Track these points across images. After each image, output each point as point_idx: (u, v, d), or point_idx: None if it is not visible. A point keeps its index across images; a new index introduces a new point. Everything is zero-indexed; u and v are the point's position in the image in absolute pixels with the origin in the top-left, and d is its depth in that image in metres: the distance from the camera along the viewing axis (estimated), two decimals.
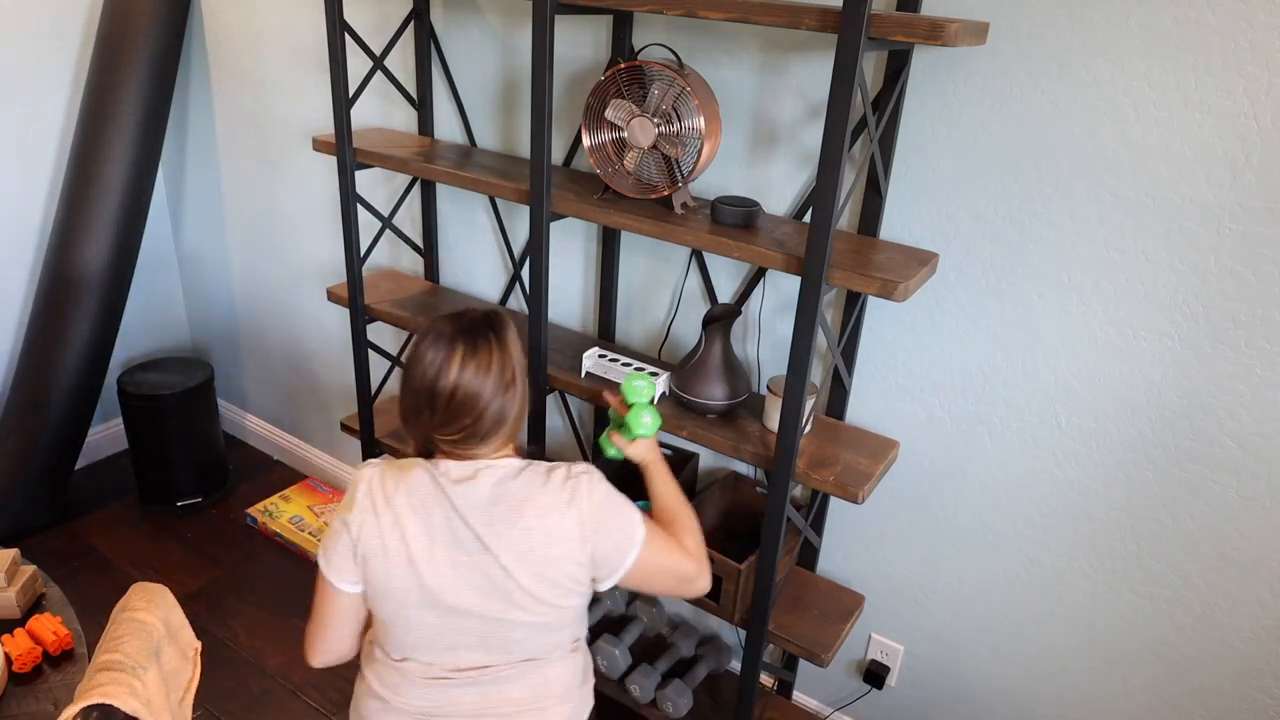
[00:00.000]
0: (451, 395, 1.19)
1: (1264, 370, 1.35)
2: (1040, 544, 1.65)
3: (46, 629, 1.41)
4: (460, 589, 1.21)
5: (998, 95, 1.43)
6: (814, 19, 1.24)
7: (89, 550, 2.61)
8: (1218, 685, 1.55)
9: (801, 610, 1.78)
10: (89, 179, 2.45)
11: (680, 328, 1.93)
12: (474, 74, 2.03)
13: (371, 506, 1.22)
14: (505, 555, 1.20)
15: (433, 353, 1.21)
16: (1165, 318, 1.40)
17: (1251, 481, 1.41)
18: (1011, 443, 1.61)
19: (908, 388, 1.69)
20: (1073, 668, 1.69)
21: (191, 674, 1.35)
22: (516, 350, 1.25)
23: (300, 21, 2.34)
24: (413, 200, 2.30)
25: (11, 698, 1.32)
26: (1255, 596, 1.47)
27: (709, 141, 1.52)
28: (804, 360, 1.42)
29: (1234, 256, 1.32)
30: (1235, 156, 1.28)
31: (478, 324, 1.23)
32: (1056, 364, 1.52)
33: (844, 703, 2.04)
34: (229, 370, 3.14)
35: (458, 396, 1.20)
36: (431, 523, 1.21)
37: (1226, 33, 1.24)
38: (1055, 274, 1.47)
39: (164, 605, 1.32)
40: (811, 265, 1.36)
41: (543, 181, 1.64)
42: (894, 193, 1.57)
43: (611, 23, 1.75)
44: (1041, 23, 1.36)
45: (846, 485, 1.51)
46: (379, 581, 1.22)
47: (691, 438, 1.64)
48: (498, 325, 1.24)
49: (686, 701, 1.91)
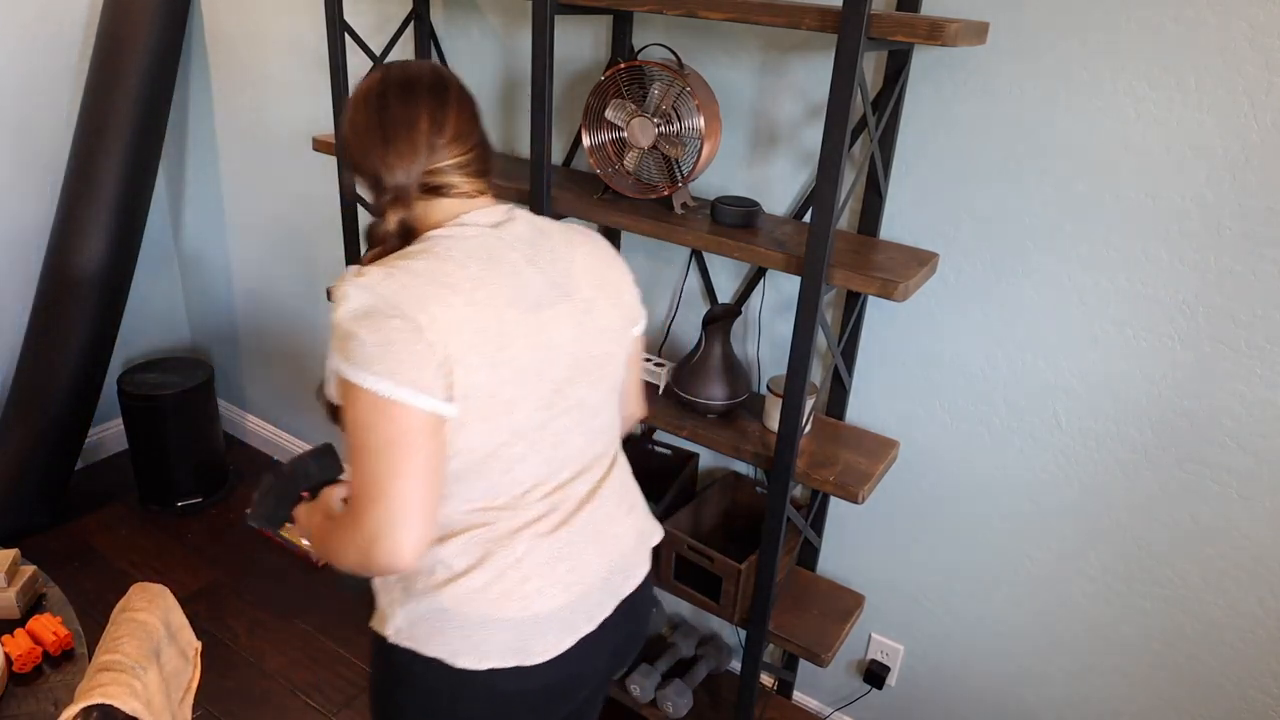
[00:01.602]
0: (461, 94, 1.03)
1: (1264, 370, 1.35)
2: (1040, 544, 1.64)
3: (46, 629, 1.41)
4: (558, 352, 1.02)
5: (998, 95, 1.43)
6: (814, 19, 1.24)
7: (89, 551, 2.60)
8: (1218, 685, 1.55)
9: (801, 610, 1.78)
10: (89, 179, 2.45)
11: (680, 328, 1.93)
12: (474, 74, 2.03)
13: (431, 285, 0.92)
14: (584, 287, 1.06)
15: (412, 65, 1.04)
16: (1165, 318, 1.40)
17: (1251, 481, 1.41)
18: (1011, 442, 1.61)
19: (908, 388, 1.69)
20: (1073, 668, 1.69)
21: (192, 674, 1.35)
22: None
23: (300, 21, 2.34)
24: None
25: (11, 698, 1.32)
26: (1255, 596, 1.47)
27: (709, 141, 1.52)
28: (804, 360, 1.42)
29: (1234, 256, 1.32)
30: (1235, 156, 1.28)
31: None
32: (1056, 363, 1.52)
33: (844, 703, 2.04)
34: (229, 370, 3.14)
35: (466, 97, 1.03)
36: (508, 283, 0.99)
37: (1226, 33, 1.24)
38: (1055, 274, 1.47)
39: (164, 605, 1.32)
40: (811, 265, 1.36)
41: (543, 181, 1.64)
42: (894, 193, 1.57)
43: (611, 23, 1.75)
44: (1041, 23, 1.36)
45: (846, 485, 1.51)
46: (482, 385, 0.94)
47: (691, 438, 1.64)
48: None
49: (686, 701, 1.91)
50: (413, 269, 0.94)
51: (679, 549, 1.72)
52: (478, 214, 1.02)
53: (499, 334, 0.96)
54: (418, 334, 0.90)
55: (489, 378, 0.95)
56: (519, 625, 1.02)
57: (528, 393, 0.99)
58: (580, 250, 1.09)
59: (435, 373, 0.90)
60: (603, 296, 1.09)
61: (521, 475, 1.02)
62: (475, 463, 0.98)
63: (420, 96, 1.00)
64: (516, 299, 0.98)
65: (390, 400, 0.89)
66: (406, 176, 0.99)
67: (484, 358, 0.94)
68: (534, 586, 1.03)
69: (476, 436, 0.96)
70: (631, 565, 1.17)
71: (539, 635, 1.04)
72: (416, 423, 0.90)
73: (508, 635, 1.02)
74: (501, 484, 1.01)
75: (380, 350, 0.89)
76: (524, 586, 1.02)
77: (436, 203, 1.03)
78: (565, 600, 1.05)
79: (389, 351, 0.89)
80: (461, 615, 1.01)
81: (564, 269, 1.05)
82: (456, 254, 0.97)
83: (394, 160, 0.99)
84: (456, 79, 1.07)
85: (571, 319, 1.04)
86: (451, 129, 1.01)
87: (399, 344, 0.89)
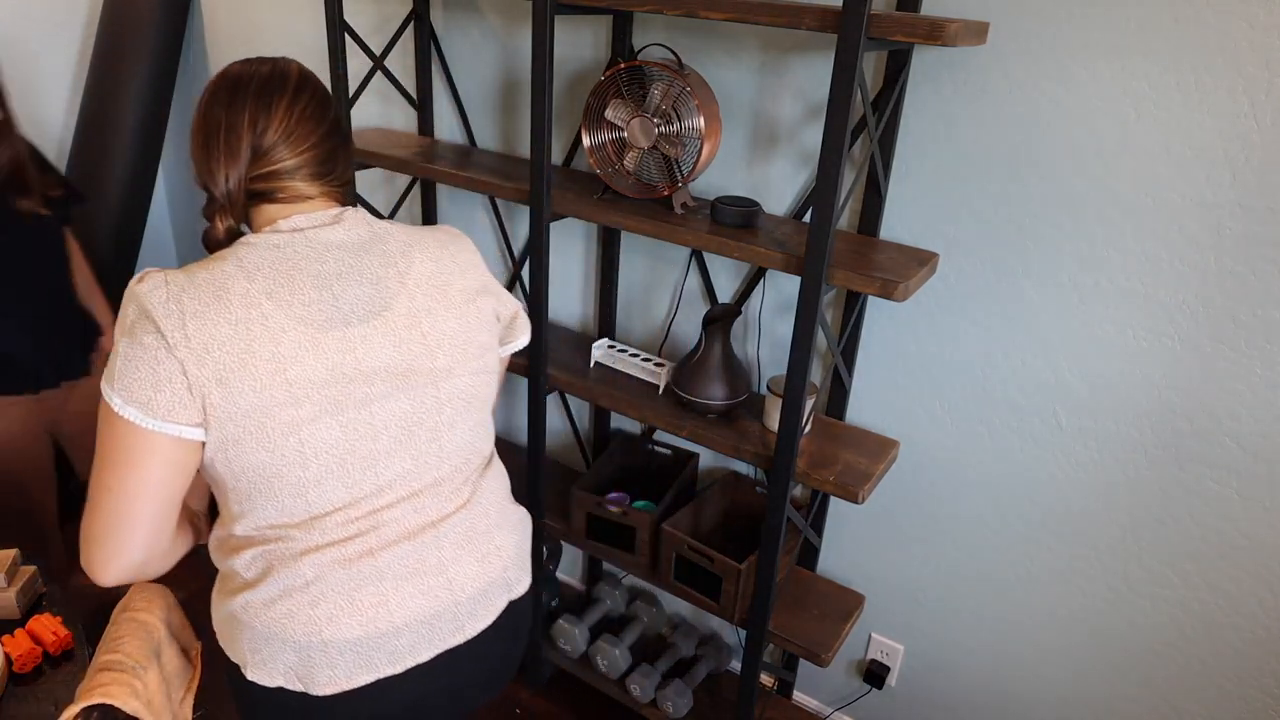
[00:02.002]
0: (297, 94, 0.97)
1: (1264, 370, 1.35)
2: (1040, 543, 1.65)
3: (46, 629, 1.41)
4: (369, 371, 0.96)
5: (998, 95, 1.43)
6: (814, 19, 1.24)
7: None
8: (1218, 685, 1.55)
9: (801, 610, 1.78)
10: (89, 179, 2.45)
11: (680, 327, 1.93)
12: (474, 74, 2.03)
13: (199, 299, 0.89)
14: (417, 296, 0.99)
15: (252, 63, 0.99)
16: (1165, 318, 1.40)
17: (1251, 481, 1.41)
18: (1011, 442, 1.61)
19: (908, 388, 1.69)
20: (1073, 667, 1.69)
21: (192, 674, 1.35)
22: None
23: (300, 21, 2.34)
24: (413, 200, 2.30)
25: (11, 698, 1.32)
26: (1255, 596, 1.47)
27: (709, 141, 1.52)
28: (804, 360, 1.42)
29: (1234, 256, 1.32)
30: (1235, 156, 1.28)
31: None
32: (1056, 364, 1.52)
33: (844, 703, 2.04)
34: None
35: (305, 96, 0.98)
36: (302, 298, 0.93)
37: (1226, 33, 1.24)
38: (1055, 274, 1.47)
39: (164, 605, 1.32)
40: (811, 265, 1.36)
41: (543, 181, 1.64)
42: (894, 193, 1.57)
43: (611, 23, 1.75)
44: (1041, 23, 1.36)
45: (846, 485, 1.51)
46: (247, 408, 0.90)
47: (691, 438, 1.64)
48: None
49: (686, 701, 1.91)
50: (195, 279, 0.91)
51: (679, 549, 1.72)
52: (298, 218, 0.97)
53: (274, 355, 0.91)
54: (166, 352, 0.87)
55: (260, 400, 0.90)
56: (304, 649, 0.98)
57: (319, 414, 0.94)
58: (421, 257, 1.03)
59: (178, 394, 0.88)
60: (443, 307, 1.02)
61: (316, 498, 0.96)
62: (260, 483, 0.94)
63: (244, 98, 0.96)
64: (310, 316, 0.93)
65: (119, 417, 0.87)
66: (230, 182, 0.95)
67: (252, 379, 0.90)
68: (324, 612, 0.98)
69: (254, 456, 0.92)
70: (467, 615, 1.08)
71: (326, 665, 0.99)
72: (140, 441, 0.88)
73: (292, 657, 0.99)
74: (294, 506, 0.96)
75: (124, 365, 0.88)
76: (313, 610, 0.98)
77: (262, 208, 0.99)
78: (361, 634, 0.99)
79: (129, 368, 0.88)
80: (249, 627, 0.99)
81: (394, 276, 0.99)
82: (249, 264, 0.93)
83: (215, 166, 0.96)
84: (299, 77, 1.00)
85: (390, 334, 0.98)
86: (277, 131, 0.96)
87: (141, 362, 0.87)
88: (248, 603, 0.98)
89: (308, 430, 0.93)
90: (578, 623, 2.04)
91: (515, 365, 1.86)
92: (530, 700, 2.16)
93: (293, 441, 0.93)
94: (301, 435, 0.93)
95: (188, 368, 0.87)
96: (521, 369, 1.85)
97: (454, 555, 1.06)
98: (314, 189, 1.00)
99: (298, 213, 0.98)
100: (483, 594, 1.10)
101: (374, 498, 1.00)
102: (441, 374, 1.02)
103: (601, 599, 2.17)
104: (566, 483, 2.07)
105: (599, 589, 2.20)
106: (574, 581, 2.43)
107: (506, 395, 2.33)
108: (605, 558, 1.88)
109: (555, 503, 2.01)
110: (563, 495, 2.01)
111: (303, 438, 0.93)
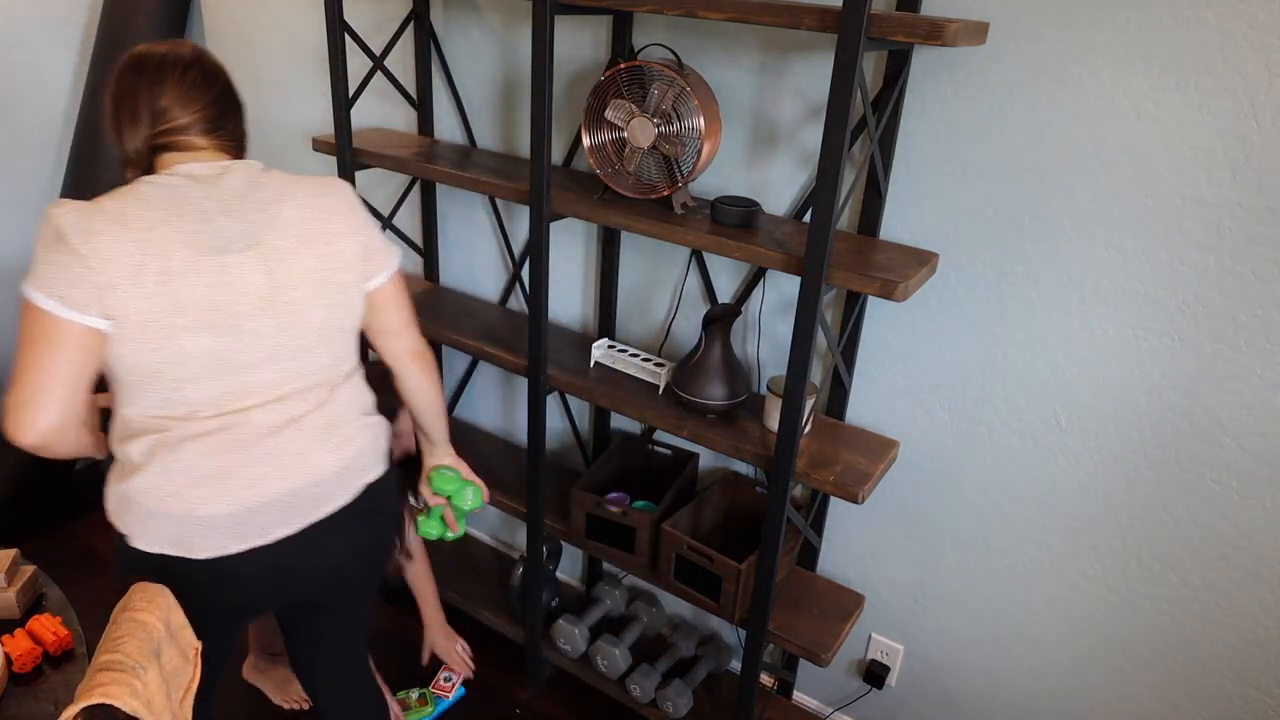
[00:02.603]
0: (188, 68, 1.18)
1: (1264, 370, 1.35)
2: (1040, 544, 1.65)
3: (46, 629, 1.41)
4: (241, 293, 1.16)
5: (998, 95, 1.43)
6: (814, 19, 1.24)
7: (89, 551, 2.60)
8: (1218, 685, 1.55)
9: (801, 610, 1.78)
10: (89, 179, 2.45)
11: (680, 327, 1.93)
12: (474, 74, 2.03)
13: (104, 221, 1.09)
14: (287, 237, 1.19)
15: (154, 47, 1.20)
16: (1165, 318, 1.40)
17: (1251, 481, 1.41)
18: (1011, 443, 1.61)
19: (908, 388, 1.69)
20: (1072, 667, 1.69)
21: (192, 674, 1.35)
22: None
23: (300, 21, 2.34)
24: (413, 200, 2.30)
25: (11, 698, 1.32)
26: (1255, 596, 1.47)
27: (709, 141, 1.52)
28: (804, 360, 1.42)
29: (1234, 256, 1.32)
30: (1235, 156, 1.28)
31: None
32: (1056, 364, 1.52)
33: (844, 703, 2.04)
34: None
35: (200, 63, 1.20)
36: (189, 227, 1.13)
37: (1226, 33, 1.24)
38: (1055, 274, 1.47)
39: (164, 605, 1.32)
40: (811, 265, 1.36)
41: (543, 181, 1.64)
42: (894, 193, 1.57)
43: (611, 23, 1.75)
44: (1041, 23, 1.36)
45: (846, 485, 1.51)
46: (138, 311, 1.10)
47: (692, 438, 1.64)
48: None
49: (686, 701, 1.91)
50: (101, 206, 1.10)
51: (679, 549, 1.72)
52: (193, 165, 1.18)
53: (163, 270, 1.10)
54: (78, 259, 1.07)
55: (146, 305, 1.09)
56: (182, 522, 1.19)
57: (195, 324, 1.13)
58: (292, 203, 1.22)
59: (89, 291, 1.07)
60: (305, 247, 1.21)
61: (192, 394, 1.16)
62: (144, 377, 1.14)
63: (144, 74, 1.17)
64: (194, 241, 1.13)
65: (42, 310, 1.07)
66: (135, 141, 1.17)
67: (141, 288, 1.09)
68: (201, 494, 1.19)
69: (139, 354, 1.11)
70: (325, 495, 1.29)
71: (201, 536, 1.20)
72: (58, 329, 1.07)
73: (172, 529, 1.19)
74: (173, 399, 1.16)
75: (45, 270, 1.08)
76: (191, 491, 1.18)
77: (162, 157, 1.19)
78: (230, 510, 1.20)
79: (49, 271, 1.07)
80: (137, 504, 1.19)
81: (266, 219, 1.19)
82: (148, 197, 1.13)
83: (123, 131, 1.18)
84: (191, 54, 1.21)
85: (261, 264, 1.17)
86: (169, 97, 1.16)
87: (59, 266, 1.07)
88: (139, 484, 1.18)
89: (186, 337, 1.13)
90: (578, 623, 2.04)
91: (515, 365, 1.86)
92: (530, 700, 2.16)
93: (173, 345, 1.12)
94: (181, 341, 1.12)
95: (94, 275, 1.07)
96: (521, 369, 1.85)
97: (312, 445, 1.27)
98: (205, 141, 1.20)
99: (193, 160, 1.19)
100: (338, 476, 1.30)
101: (243, 398, 1.20)
102: (304, 305, 1.22)
103: (601, 599, 2.17)
104: (566, 483, 2.07)
105: (599, 589, 2.20)
106: (574, 581, 2.43)
107: (507, 395, 2.33)
108: (605, 558, 1.88)
109: (555, 503, 2.01)
110: (563, 495, 2.01)
111: (182, 343, 1.13)
